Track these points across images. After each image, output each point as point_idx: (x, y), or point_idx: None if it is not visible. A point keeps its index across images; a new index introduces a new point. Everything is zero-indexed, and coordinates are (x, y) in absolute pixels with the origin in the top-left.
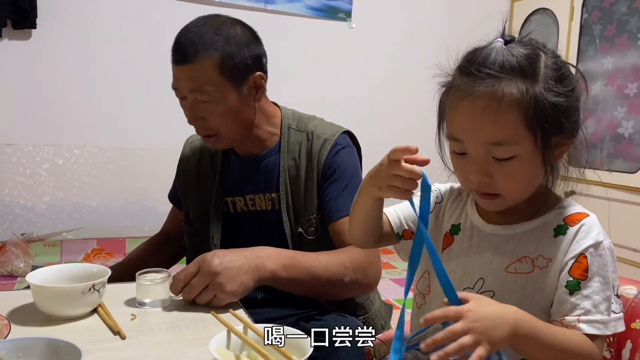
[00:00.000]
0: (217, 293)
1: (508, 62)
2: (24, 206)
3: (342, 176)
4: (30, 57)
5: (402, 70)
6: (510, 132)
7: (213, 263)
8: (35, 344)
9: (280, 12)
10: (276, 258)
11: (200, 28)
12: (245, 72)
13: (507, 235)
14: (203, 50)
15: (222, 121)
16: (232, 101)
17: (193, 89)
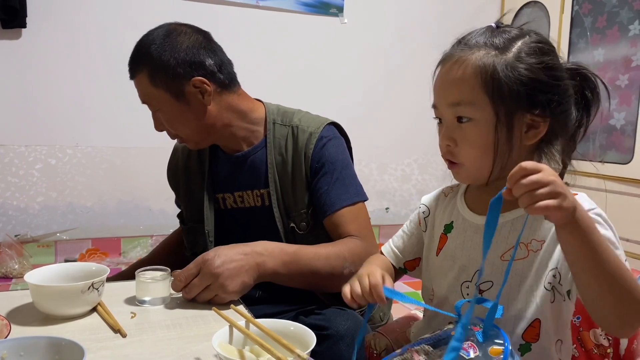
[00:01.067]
0: (218, 293)
1: (488, 38)
2: (17, 207)
3: (331, 169)
4: (21, 56)
5: (394, 64)
6: (468, 93)
7: (214, 264)
8: (37, 343)
9: (272, 8)
10: (277, 255)
11: (139, 43)
12: (179, 80)
13: (499, 224)
14: (136, 65)
15: (173, 127)
16: (174, 110)
17: (143, 101)
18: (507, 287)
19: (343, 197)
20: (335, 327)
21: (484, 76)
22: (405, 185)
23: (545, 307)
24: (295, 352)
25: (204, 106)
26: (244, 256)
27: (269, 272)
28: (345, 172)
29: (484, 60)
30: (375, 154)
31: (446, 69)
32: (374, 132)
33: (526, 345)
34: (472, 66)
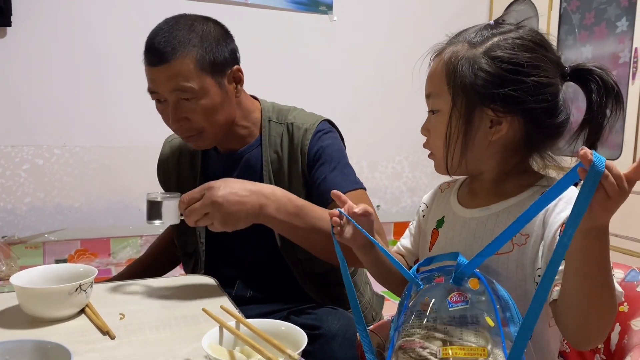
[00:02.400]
0: (214, 222)
1: (473, 34)
2: (3, 208)
3: (329, 159)
4: (6, 55)
5: (384, 62)
6: (437, 85)
7: (217, 193)
8: (22, 347)
9: (260, 6)
10: (283, 204)
11: (172, 27)
12: (224, 66)
13: (484, 217)
14: (181, 48)
15: (206, 119)
16: (215, 96)
17: (175, 88)
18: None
19: (343, 184)
20: (327, 326)
21: (448, 69)
22: (395, 182)
23: None
24: (287, 352)
25: (233, 98)
26: (248, 193)
27: (269, 217)
28: (343, 161)
29: (454, 54)
30: (366, 151)
31: (432, 62)
32: (364, 129)
33: None
34: (443, 60)
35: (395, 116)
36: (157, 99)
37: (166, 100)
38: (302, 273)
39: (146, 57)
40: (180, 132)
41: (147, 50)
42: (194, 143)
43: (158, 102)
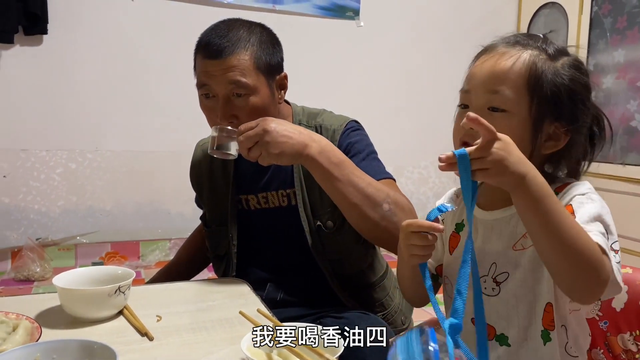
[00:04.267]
0: (262, 152)
1: (540, 44)
2: (38, 211)
3: (358, 152)
4: (42, 62)
5: (410, 66)
6: (511, 86)
7: (269, 123)
8: (69, 346)
9: (288, 12)
10: (327, 151)
11: (230, 26)
12: (275, 71)
13: (507, 216)
14: (241, 44)
15: (253, 118)
16: (265, 97)
17: (230, 81)
18: (523, 275)
19: (374, 172)
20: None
21: (532, 73)
22: (422, 188)
23: (552, 291)
24: (325, 356)
25: (277, 103)
26: (297, 132)
27: (310, 157)
28: (372, 155)
29: (535, 60)
30: (391, 157)
31: (493, 58)
32: (390, 135)
33: (545, 332)
34: (523, 62)
35: (421, 121)
36: (206, 94)
37: (215, 96)
38: (332, 274)
39: (203, 51)
40: None
41: (205, 44)
42: None
43: (206, 97)
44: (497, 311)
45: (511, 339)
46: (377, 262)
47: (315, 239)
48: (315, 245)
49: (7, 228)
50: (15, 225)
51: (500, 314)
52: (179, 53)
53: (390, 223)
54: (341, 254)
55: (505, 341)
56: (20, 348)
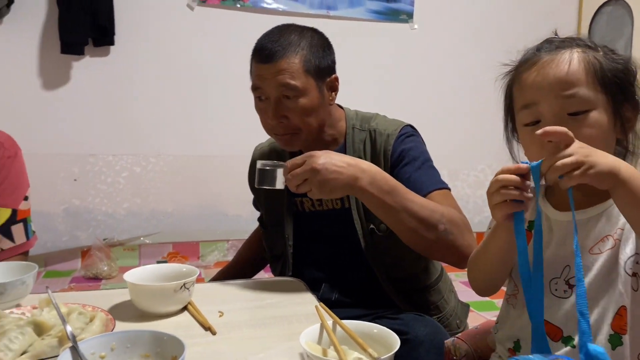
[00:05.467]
0: (312, 188)
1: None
2: (105, 212)
3: (412, 159)
4: (109, 72)
5: (465, 68)
6: (583, 84)
7: (317, 161)
8: (141, 336)
9: (342, 18)
10: (377, 180)
11: (283, 31)
12: (325, 73)
13: (584, 219)
14: (291, 48)
15: (302, 119)
16: (314, 99)
17: (280, 84)
18: (597, 279)
19: (429, 183)
20: (414, 332)
21: (593, 68)
22: (478, 191)
23: (628, 294)
24: (367, 351)
25: (327, 105)
26: (346, 165)
27: (362, 190)
28: (428, 163)
29: (586, 56)
30: (447, 160)
31: (547, 66)
32: (445, 138)
33: (615, 336)
34: (579, 61)
35: (477, 124)
36: (259, 96)
37: (268, 98)
38: (386, 277)
39: (256, 56)
40: (277, 129)
41: (259, 49)
42: (286, 142)
43: (259, 100)
44: (567, 314)
45: (577, 340)
46: (431, 265)
47: (369, 242)
48: (369, 248)
49: (77, 229)
50: (84, 226)
51: (570, 317)
52: (235, 60)
53: (446, 241)
54: (395, 257)
55: (571, 342)
56: (98, 337)
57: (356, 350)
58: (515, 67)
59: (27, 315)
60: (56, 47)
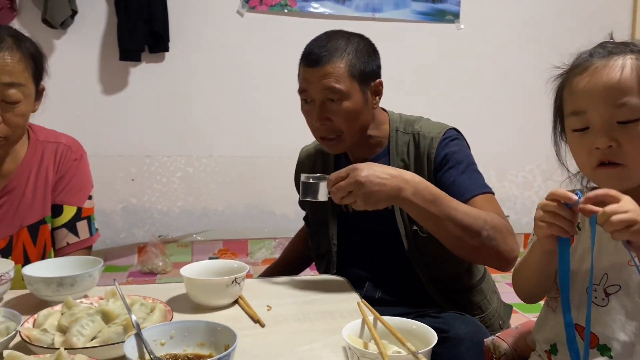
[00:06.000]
0: (357, 200)
1: (626, 47)
2: (160, 211)
3: (456, 163)
4: (163, 77)
5: (514, 68)
6: (635, 93)
7: (360, 174)
8: (197, 326)
9: (388, 20)
10: (420, 190)
11: (331, 37)
12: (369, 78)
13: None
14: (337, 53)
15: (346, 122)
16: (358, 102)
17: (325, 87)
18: (636, 291)
19: (472, 187)
20: (454, 330)
21: None
22: (526, 192)
23: None
24: (406, 345)
25: (371, 108)
26: (389, 177)
27: (406, 200)
28: (472, 167)
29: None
30: (494, 160)
31: (598, 73)
32: (492, 138)
33: None
34: (631, 68)
35: (526, 123)
36: (306, 99)
37: (313, 101)
38: (428, 278)
39: (304, 60)
40: (321, 131)
41: (306, 53)
42: (329, 144)
43: (305, 102)
44: (603, 322)
45: (614, 351)
46: (474, 266)
47: (412, 243)
48: (411, 249)
49: (134, 226)
50: (141, 223)
51: (606, 325)
52: (282, 64)
53: (489, 247)
54: (437, 258)
55: (607, 352)
56: (159, 325)
57: (395, 345)
58: (567, 70)
59: (95, 305)
60: (115, 54)
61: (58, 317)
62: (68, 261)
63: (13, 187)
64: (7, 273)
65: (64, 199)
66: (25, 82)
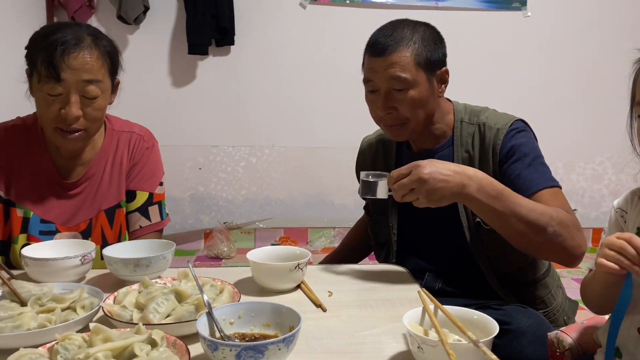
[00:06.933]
0: (419, 197)
1: None
2: (225, 198)
3: (522, 156)
4: (229, 70)
5: (584, 56)
6: None
7: (423, 171)
8: (263, 307)
9: (452, 8)
10: (484, 185)
11: (396, 26)
12: (435, 66)
13: None
14: (403, 42)
15: (411, 110)
16: (424, 91)
17: (391, 77)
18: None
19: (539, 181)
20: (516, 322)
21: None
22: (595, 185)
23: None
24: (467, 334)
25: (436, 97)
26: (452, 173)
27: (469, 197)
28: (539, 160)
29: None
30: (561, 152)
31: None
32: (559, 128)
33: None
34: None
35: (596, 114)
36: (371, 89)
37: (378, 90)
38: (490, 270)
39: (369, 50)
40: (386, 120)
41: (372, 43)
42: (394, 133)
43: (371, 92)
44: None
45: None
46: (538, 260)
47: (474, 235)
48: (474, 241)
49: (201, 212)
50: (207, 210)
51: None
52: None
53: (555, 243)
54: (500, 251)
55: None
56: (228, 305)
57: (456, 334)
58: None
59: (168, 285)
60: (184, 48)
61: (136, 295)
62: (144, 244)
63: (92, 174)
64: (89, 253)
65: (137, 184)
66: (102, 78)
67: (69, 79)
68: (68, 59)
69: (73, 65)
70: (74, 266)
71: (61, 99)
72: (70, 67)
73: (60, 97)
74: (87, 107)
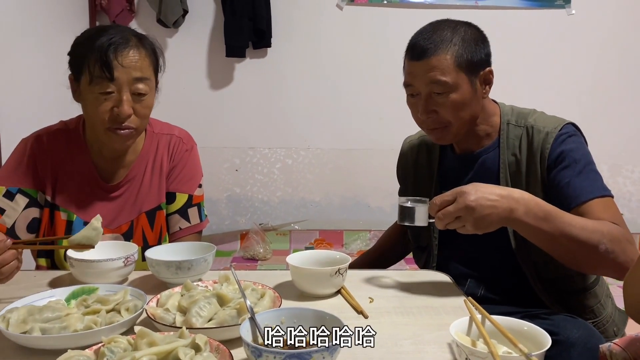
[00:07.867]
0: (466, 225)
1: None
2: (261, 200)
3: (573, 162)
4: (266, 72)
5: (632, 55)
6: None
7: (470, 198)
8: (305, 313)
9: (491, 7)
10: (531, 208)
11: (436, 28)
12: (478, 67)
13: None
14: (442, 45)
15: (453, 113)
16: (466, 93)
17: (431, 81)
18: None
19: (590, 189)
20: (565, 333)
21: None
22: None
23: None
24: (518, 346)
25: (480, 98)
26: (499, 198)
27: (518, 221)
28: (589, 167)
29: None
30: (607, 154)
31: None
32: (605, 130)
33: None
34: None
35: None
36: (411, 93)
37: (419, 94)
38: (536, 277)
39: (409, 53)
40: (427, 124)
41: (411, 46)
42: (436, 136)
43: (411, 96)
44: None
45: None
46: None
47: (520, 242)
48: (519, 247)
49: (238, 214)
50: (243, 211)
51: None
52: (381, 57)
53: (607, 261)
54: (547, 257)
55: None
56: (271, 311)
57: (505, 345)
58: None
59: (210, 288)
60: (222, 51)
61: (178, 298)
62: (185, 246)
63: (133, 176)
64: (132, 255)
65: (176, 187)
66: (150, 76)
67: (121, 77)
68: (120, 57)
69: (125, 63)
70: (117, 268)
71: (113, 97)
72: (122, 64)
73: (112, 96)
74: (137, 104)
